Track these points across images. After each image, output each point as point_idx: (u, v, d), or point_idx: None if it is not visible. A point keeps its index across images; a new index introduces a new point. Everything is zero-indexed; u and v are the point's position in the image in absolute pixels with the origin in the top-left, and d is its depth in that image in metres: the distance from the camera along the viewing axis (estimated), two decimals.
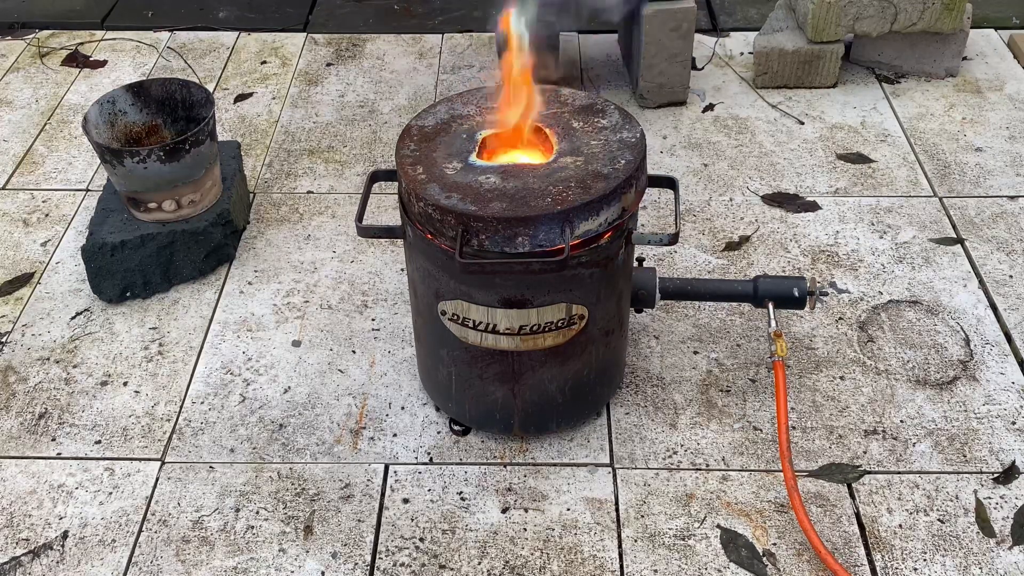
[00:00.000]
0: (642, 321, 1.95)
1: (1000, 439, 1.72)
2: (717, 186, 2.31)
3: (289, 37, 2.95)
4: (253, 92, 2.70)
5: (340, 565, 1.54)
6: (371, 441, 1.74)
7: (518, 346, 1.57)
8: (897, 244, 2.13)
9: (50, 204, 2.31)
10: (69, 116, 2.61)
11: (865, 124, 2.51)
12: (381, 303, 2.02)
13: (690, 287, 1.83)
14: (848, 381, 1.83)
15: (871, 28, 2.56)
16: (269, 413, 1.79)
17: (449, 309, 1.56)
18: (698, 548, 1.56)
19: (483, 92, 1.70)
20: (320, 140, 2.51)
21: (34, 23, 3.02)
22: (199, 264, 2.06)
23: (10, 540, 1.59)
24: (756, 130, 2.50)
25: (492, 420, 1.71)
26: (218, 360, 1.90)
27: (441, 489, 1.65)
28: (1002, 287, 2.02)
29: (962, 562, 1.53)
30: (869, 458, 1.69)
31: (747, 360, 1.87)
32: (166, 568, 1.54)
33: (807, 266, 2.08)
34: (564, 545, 1.57)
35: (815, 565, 1.52)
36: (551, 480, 1.67)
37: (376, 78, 2.75)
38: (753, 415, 1.77)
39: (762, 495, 1.63)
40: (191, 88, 2.07)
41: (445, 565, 1.54)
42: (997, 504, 1.61)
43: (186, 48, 2.89)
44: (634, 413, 1.78)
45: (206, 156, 2.00)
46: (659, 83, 2.53)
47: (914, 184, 2.31)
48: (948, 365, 1.86)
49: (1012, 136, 2.46)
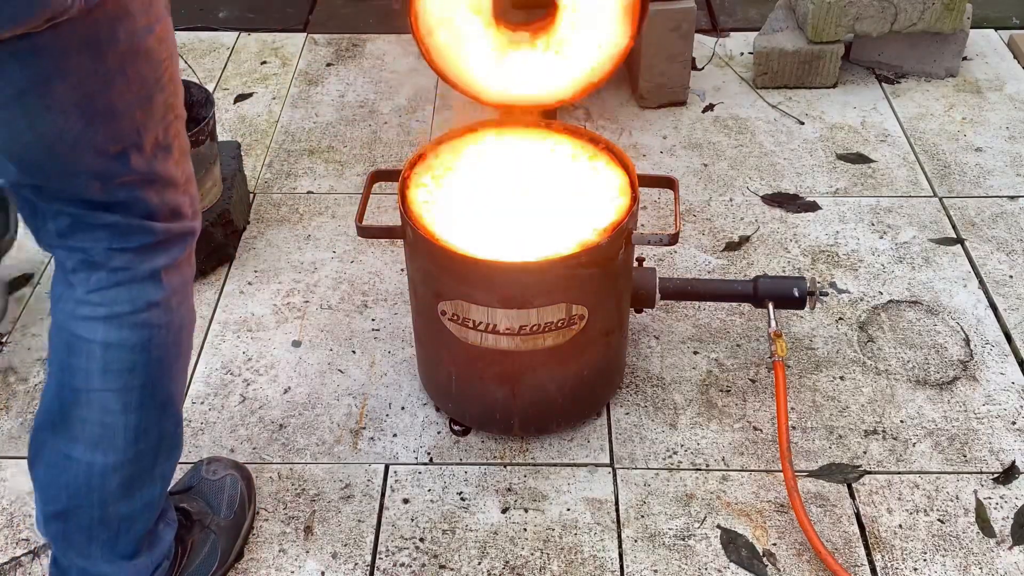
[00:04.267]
0: (642, 321, 1.95)
1: (1000, 439, 1.72)
2: (717, 186, 2.31)
3: (289, 37, 2.95)
4: (253, 92, 2.70)
5: (340, 565, 1.54)
6: (371, 441, 1.74)
7: (518, 346, 1.57)
8: (897, 244, 2.13)
9: None
10: None
11: (865, 124, 2.51)
12: (381, 303, 2.02)
13: (690, 287, 1.83)
14: (848, 381, 1.83)
15: (871, 28, 2.56)
16: (269, 413, 1.79)
17: (449, 309, 1.56)
18: (698, 548, 1.56)
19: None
20: (320, 140, 2.51)
21: None
22: (199, 264, 2.03)
23: (10, 540, 1.59)
24: (756, 130, 2.50)
25: (492, 420, 1.71)
26: (218, 360, 1.90)
27: (441, 489, 1.65)
28: (1002, 287, 2.02)
29: (962, 562, 1.53)
30: (869, 458, 1.69)
31: (747, 360, 1.87)
32: None
33: (807, 266, 2.08)
34: (564, 545, 1.57)
35: (815, 565, 1.52)
36: (551, 480, 1.67)
37: (376, 78, 2.75)
38: (753, 415, 1.77)
39: (762, 495, 1.63)
40: (191, 88, 2.07)
41: (445, 565, 1.54)
42: (997, 504, 1.61)
43: (186, 48, 2.89)
44: (634, 413, 1.78)
45: (206, 156, 1.99)
46: (659, 83, 2.53)
47: (914, 184, 2.31)
48: (948, 365, 1.86)
49: (1012, 136, 2.46)
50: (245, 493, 1.58)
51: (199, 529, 1.49)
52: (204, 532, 1.49)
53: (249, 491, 1.60)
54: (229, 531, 1.53)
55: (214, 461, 1.62)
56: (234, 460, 1.64)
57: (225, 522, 1.52)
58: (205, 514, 1.51)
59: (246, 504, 1.57)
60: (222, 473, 1.58)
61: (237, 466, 1.62)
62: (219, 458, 1.64)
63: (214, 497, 1.54)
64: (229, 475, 1.58)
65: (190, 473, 1.61)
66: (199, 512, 1.51)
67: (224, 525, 1.52)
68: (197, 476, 1.59)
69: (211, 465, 1.60)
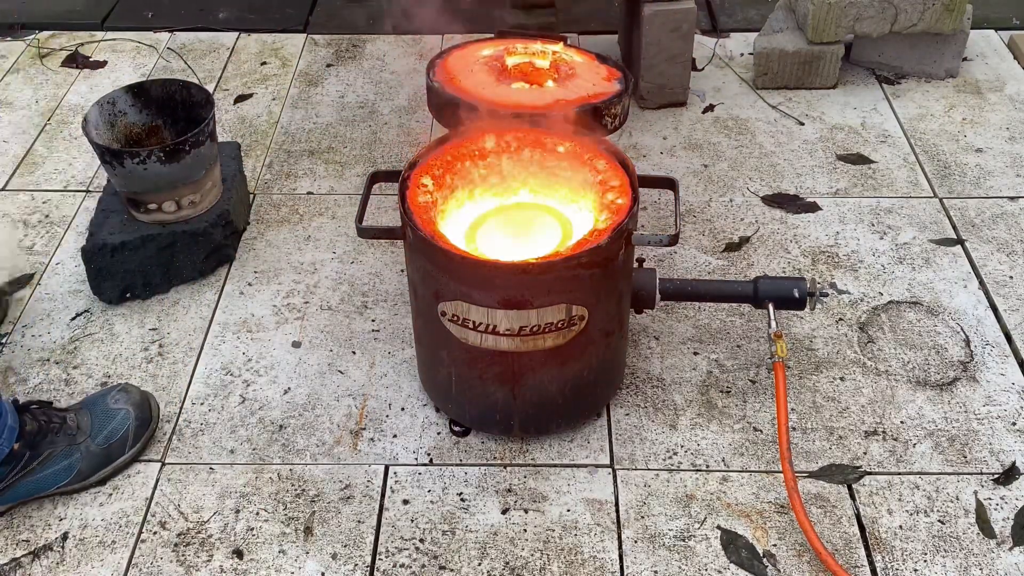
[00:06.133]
0: (642, 322, 1.95)
1: (1000, 440, 1.72)
2: (717, 187, 2.31)
3: (289, 38, 2.95)
4: (253, 93, 2.70)
5: (340, 566, 1.54)
6: (371, 442, 1.74)
7: (518, 347, 1.57)
8: (897, 245, 2.13)
9: (50, 205, 2.31)
10: (69, 117, 2.62)
11: (865, 125, 2.51)
12: (381, 304, 2.02)
13: (690, 288, 1.83)
14: (848, 382, 1.83)
15: (871, 29, 2.56)
16: (269, 414, 1.79)
17: (449, 310, 1.56)
18: (698, 549, 1.56)
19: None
20: (320, 141, 2.51)
21: (34, 24, 3.02)
22: (199, 265, 2.06)
23: (10, 541, 1.59)
24: (756, 131, 2.50)
25: (492, 421, 1.71)
26: (218, 361, 1.90)
27: (441, 490, 1.65)
28: (1002, 288, 2.02)
29: (962, 563, 1.53)
30: (869, 459, 1.69)
31: (747, 361, 1.87)
32: (166, 570, 1.54)
33: (807, 267, 2.08)
34: (564, 546, 1.57)
35: (815, 566, 1.52)
36: (551, 481, 1.67)
37: (376, 79, 2.75)
38: (753, 416, 1.77)
39: (762, 496, 1.63)
40: (191, 89, 2.07)
41: (445, 566, 1.54)
42: (997, 505, 1.61)
43: (186, 49, 2.90)
44: (634, 414, 1.78)
45: (206, 157, 2.00)
46: (659, 84, 2.53)
47: (914, 185, 2.31)
48: (948, 366, 1.86)
49: (1012, 137, 2.46)
50: (131, 431, 1.64)
51: (65, 441, 1.57)
52: (69, 447, 1.57)
53: (138, 431, 1.66)
54: (96, 457, 1.60)
55: (126, 391, 1.69)
56: (145, 399, 1.70)
57: (95, 448, 1.60)
58: (81, 432, 1.59)
59: (127, 441, 1.64)
60: (121, 405, 1.65)
61: (140, 405, 1.68)
62: (131, 389, 1.70)
63: (99, 422, 1.62)
64: (124, 410, 1.65)
65: (101, 392, 1.69)
66: (75, 428, 1.59)
67: (93, 450, 1.59)
68: (101, 397, 1.67)
69: (120, 394, 1.68)
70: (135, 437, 1.66)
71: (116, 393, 1.68)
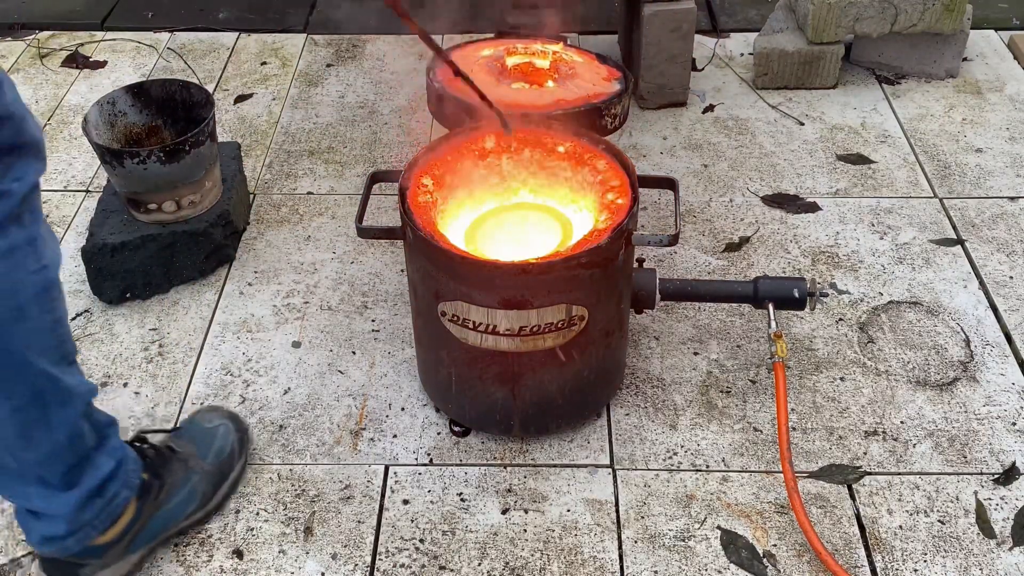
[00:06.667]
0: (642, 322, 1.95)
1: (1000, 440, 1.72)
2: (717, 187, 2.31)
3: (289, 38, 2.95)
4: (253, 93, 2.70)
5: (340, 566, 1.54)
6: (371, 442, 1.74)
7: (518, 347, 1.57)
8: (897, 245, 2.13)
9: (50, 205, 2.30)
10: (69, 117, 2.62)
11: (865, 125, 2.51)
12: (381, 304, 2.02)
13: (690, 288, 1.83)
14: (848, 382, 1.83)
15: (871, 29, 2.56)
16: (269, 414, 1.79)
17: (449, 310, 1.56)
18: (698, 549, 1.56)
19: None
20: (320, 141, 2.51)
21: (34, 24, 3.02)
22: (199, 265, 2.06)
23: (10, 541, 1.59)
24: (756, 131, 2.50)
25: (492, 421, 1.71)
26: (218, 361, 1.90)
27: (441, 490, 1.65)
28: (1002, 288, 2.02)
29: (963, 563, 1.53)
30: (869, 459, 1.69)
31: (747, 361, 1.87)
32: (166, 569, 1.54)
33: (807, 267, 2.08)
34: (564, 546, 1.57)
35: (815, 566, 1.52)
36: (551, 481, 1.67)
37: (376, 79, 2.75)
38: (753, 416, 1.77)
39: (762, 496, 1.63)
40: (191, 89, 2.07)
41: (445, 566, 1.54)
42: (997, 505, 1.61)
43: (186, 49, 2.90)
44: (634, 414, 1.78)
45: (206, 157, 2.00)
46: (659, 84, 2.53)
47: (914, 185, 2.31)
48: (948, 366, 1.86)
49: (1012, 137, 2.46)
50: (236, 445, 1.63)
51: (181, 468, 1.54)
52: (187, 472, 1.54)
53: (241, 444, 1.65)
54: (212, 476, 1.58)
55: (213, 410, 1.68)
56: (234, 412, 1.70)
57: (210, 467, 1.58)
58: (191, 455, 1.56)
59: (235, 455, 1.63)
60: (216, 422, 1.64)
61: (234, 418, 1.67)
62: (218, 408, 1.70)
63: (203, 443, 1.60)
64: (223, 425, 1.64)
65: (188, 419, 1.68)
66: (185, 453, 1.56)
67: (208, 470, 1.57)
68: (193, 421, 1.66)
69: (209, 413, 1.67)
70: (240, 449, 1.64)
71: (205, 413, 1.67)
